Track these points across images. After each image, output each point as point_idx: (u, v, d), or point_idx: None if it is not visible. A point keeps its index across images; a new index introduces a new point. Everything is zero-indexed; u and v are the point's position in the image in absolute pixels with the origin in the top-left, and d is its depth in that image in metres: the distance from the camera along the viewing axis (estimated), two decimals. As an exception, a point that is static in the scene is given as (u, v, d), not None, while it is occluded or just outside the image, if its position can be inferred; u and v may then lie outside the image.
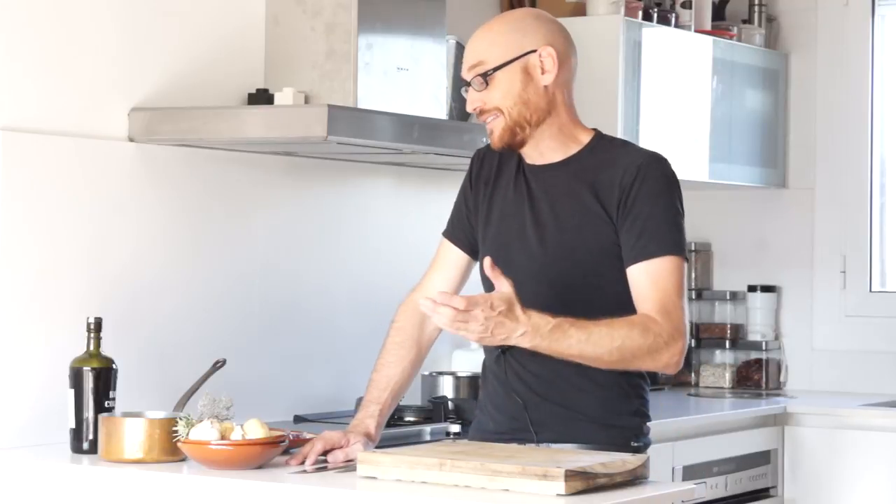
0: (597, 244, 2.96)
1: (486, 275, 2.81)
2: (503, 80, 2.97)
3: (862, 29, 5.31)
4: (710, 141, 5.03)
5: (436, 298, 2.72)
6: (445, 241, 3.21)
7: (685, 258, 2.95)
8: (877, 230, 5.33)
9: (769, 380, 5.30)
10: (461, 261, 3.18)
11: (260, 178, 3.94)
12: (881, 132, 5.34)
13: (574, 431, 3.00)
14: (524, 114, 2.98)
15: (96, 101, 3.55)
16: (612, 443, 2.97)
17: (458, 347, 4.50)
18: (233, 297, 3.85)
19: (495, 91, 2.98)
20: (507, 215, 3.07)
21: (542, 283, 2.99)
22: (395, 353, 3.15)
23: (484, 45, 3.00)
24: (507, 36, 2.99)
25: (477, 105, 3.00)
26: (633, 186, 2.94)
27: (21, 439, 3.34)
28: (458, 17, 4.36)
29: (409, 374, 3.16)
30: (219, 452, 2.94)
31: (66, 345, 3.33)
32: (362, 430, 3.06)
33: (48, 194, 3.42)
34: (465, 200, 3.17)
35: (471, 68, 3.00)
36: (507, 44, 2.98)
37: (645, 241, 2.91)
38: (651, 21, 4.81)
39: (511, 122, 2.98)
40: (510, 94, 2.97)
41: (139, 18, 3.63)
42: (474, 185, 3.15)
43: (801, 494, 4.79)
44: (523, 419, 3.02)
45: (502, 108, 2.98)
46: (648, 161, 2.99)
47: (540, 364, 2.98)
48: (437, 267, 3.21)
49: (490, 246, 3.09)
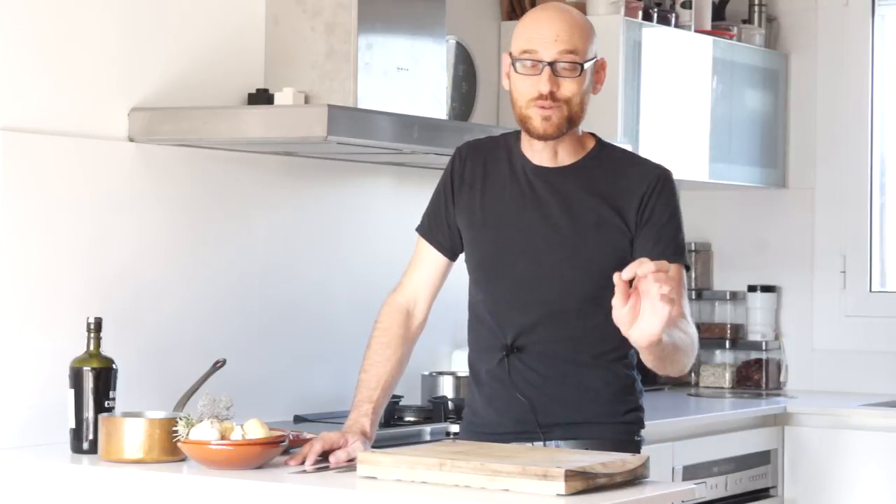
0: (614, 254, 3.00)
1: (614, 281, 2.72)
2: (586, 77, 3.00)
3: (862, 29, 5.31)
4: (710, 141, 5.03)
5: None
6: (422, 241, 3.21)
7: (687, 266, 3.07)
8: (877, 230, 5.33)
9: (769, 380, 5.30)
10: (440, 262, 3.19)
11: (260, 178, 3.94)
12: (881, 132, 5.34)
13: (582, 430, 3.03)
14: (579, 114, 3.02)
15: (96, 101, 3.55)
16: (618, 438, 3.02)
17: (458, 347, 4.50)
18: (233, 297, 3.85)
19: (575, 84, 2.98)
20: (507, 217, 3.07)
21: (552, 284, 3.02)
22: (381, 352, 3.16)
23: (578, 36, 2.99)
24: (590, 35, 3.02)
25: (552, 89, 2.97)
26: (651, 197, 3.02)
27: (21, 439, 3.34)
28: (458, 17, 4.36)
29: (398, 372, 3.17)
30: (219, 452, 2.94)
31: (66, 345, 3.32)
32: (358, 429, 3.06)
33: (48, 194, 3.42)
34: (445, 202, 3.17)
35: (565, 52, 2.97)
36: (591, 42, 3.01)
37: (661, 248, 2.99)
38: (651, 21, 4.81)
39: (570, 116, 3.00)
40: (581, 92, 2.99)
41: (139, 18, 3.63)
42: (457, 186, 3.15)
43: (801, 494, 4.79)
44: (530, 421, 3.03)
45: (571, 102, 2.99)
46: (663, 173, 3.08)
47: (548, 365, 3.02)
48: (416, 267, 3.22)
49: (487, 249, 3.09)
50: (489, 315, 3.10)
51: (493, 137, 3.18)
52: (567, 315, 3.02)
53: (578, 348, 3.04)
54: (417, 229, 3.22)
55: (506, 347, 3.05)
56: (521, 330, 3.04)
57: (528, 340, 3.04)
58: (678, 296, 2.94)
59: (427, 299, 3.20)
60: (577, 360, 3.03)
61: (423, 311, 3.21)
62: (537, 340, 3.04)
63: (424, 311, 3.21)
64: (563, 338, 3.03)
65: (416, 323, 3.19)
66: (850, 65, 5.32)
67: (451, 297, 3.33)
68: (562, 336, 3.03)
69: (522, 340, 3.04)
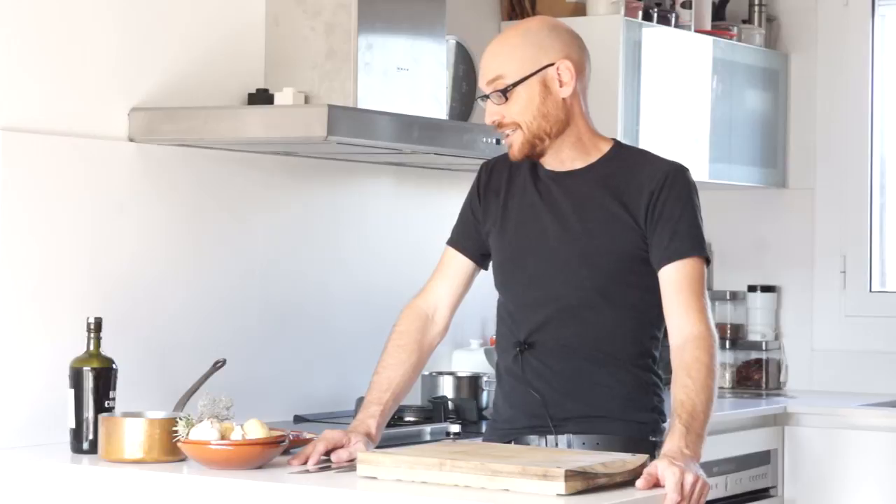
0: (623, 249, 3.02)
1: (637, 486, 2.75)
2: (522, 95, 3.00)
3: (862, 29, 5.31)
4: (710, 141, 5.03)
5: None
6: (450, 248, 3.23)
7: (707, 259, 3.05)
8: (877, 230, 5.33)
9: (769, 380, 5.29)
10: (467, 268, 3.20)
11: (260, 178, 3.94)
12: (881, 132, 5.34)
13: (594, 424, 3.04)
14: (543, 126, 3.01)
15: (96, 101, 3.55)
16: (630, 436, 3.03)
17: (458, 347, 4.51)
18: (233, 297, 3.85)
19: (514, 105, 3.00)
20: (524, 221, 3.10)
21: (562, 280, 3.04)
22: (396, 356, 3.16)
23: (502, 60, 3.02)
24: (525, 50, 3.01)
25: (496, 118, 3.03)
26: (661, 192, 3.01)
27: (21, 439, 3.34)
28: (458, 17, 4.36)
29: (411, 377, 3.17)
30: (219, 452, 2.94)
31: (66, 345, 3.32)
32: (363, 429, 3.06)
33: (48, 194, 3.42)
34: (472, 211, 3.20)
35: (489, 83, 3.02)
36: (525, 58, 3.00)
37: (677, 243, 2.98)
38: (651, 21, 4.81)
39: (530, 136, 3.02)
40: (529, 109, 3.00)
41: (139, 18, 3.63)
42: (483, 195, 3.17)
43: (801, 494, 4.79)
44: (542, 415, 3.04)
45: (521, 123, 3.01)
46: (674, 168, 3.07)
47: (563, 361, 3.04)
48: (441, 274, 3.23)
49: (506, 252, 3.12)
50: (508, 315, 3.13)
51: None
52: (577, 310, 3.03)
53: (590, 344, 3.04)
54: (447, 242, 3.23)
55: (519, 344, 3.07)
56: (534, 327, 3.06)
57: (541, 337, 3.06)
58: (701, 287, 2.98)
59: (449, 306, 3.21)
60: (590, 356, 3.04)
61: (445, 318, 3.21)
62: (549, 336, 3.05)
63: (446, 318, 3.21)
64: (575, 333, 3.04)
65: (437, 330, 3.20)
66: (850, 65, 5.32)
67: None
68: (573, 331, 3.04)
69: (535, 337, 3.06)
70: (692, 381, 2.87)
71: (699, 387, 2.87)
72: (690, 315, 2.94)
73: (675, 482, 2.67)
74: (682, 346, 2.92)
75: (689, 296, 2.96)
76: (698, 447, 2.81)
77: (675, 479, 2.67)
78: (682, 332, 2.94)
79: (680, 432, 2.79)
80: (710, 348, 2.92)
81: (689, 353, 2.90)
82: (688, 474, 2.69)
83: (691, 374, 2.88)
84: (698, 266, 2.99)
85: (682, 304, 2.96)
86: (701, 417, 2.84)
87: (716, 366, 2.92)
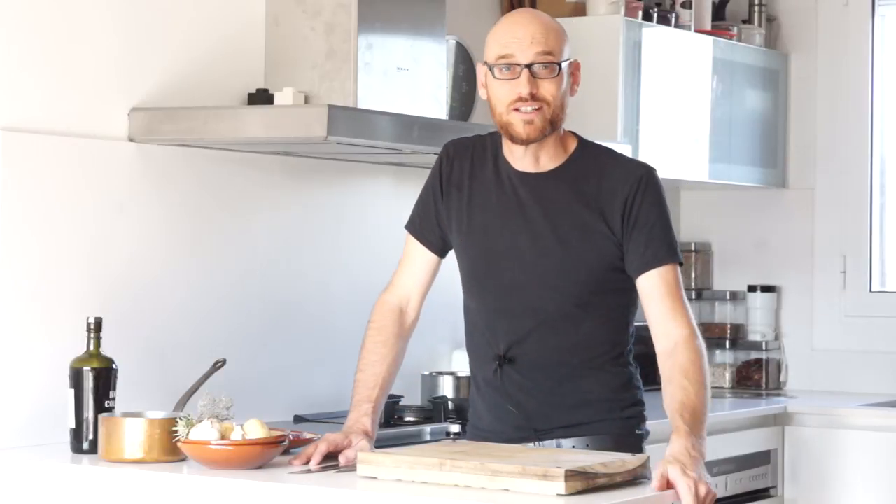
0: (600, 260, 3.01)
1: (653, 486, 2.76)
2: (562, 77, 3.00)
3: (862, 29, 5.31)
4: (710, 141, 5.03)
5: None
6: (412, 239, 3.21)
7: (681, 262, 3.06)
8: (877, 230, 5.33)
9: (769, 380, 5.30)
10: (432, 260, 3.20)
11: (260, 178, 3.94)
12: (881, 132, 5.34)
13: (581, 429, 3.05)
14: (560, 115, 3.01)
15: (96, 101, 3.55)
16: (618, 433, 3.04)
17: (458, 347, 4.50)
18: (233, 297, 3.85)
19: (554, 84, 2.98)
20: (492, 225, 3.07)
21: (540, 293, 3.03)
22: (378, 351, 3.16)
23: (553, 38, 3.00)
24: (563, 37, 3.02)
25: (533, 91, 2.97)
26: (636, 197, 3.00)
27: (21, 439, 3.34)
28: (458, 17, 4.36)
29: (394, 370, 3.18)
30: (219, 452, 2.94)
31: (66, 345, 3.32)
32: (360, 428, 3.06)
33: (48, 194, 3.42)
34: (434, 202, 3.17)
35: (542, 53, 2.97)
36: (565, 44, 3.02)
37: (654, 250, 2.99)
38: (651, 21, 4.81)
39: (551, 118, 3.00)
40: (560, 93, 2.99)
41: (139, 18, 3.64)
42: (445, 187, 3.15)
43: (801, 494, 4.79)
44: (527, 428, 3.06)
45: (551, 103, 2.99)
46: (646, 171, 3.05)
47: (542, 374, 3.05)
48: (408, 268, 3.23)
49: (475, 258, 3.10)
50: (482, 322, 3.12)
51: (481, 137, 3.17)
52: (557, 323, 3.03)
53: (571, 354, 3.04)
54: (407, 226, 3.23)
55: (499, 358, 3.07)
56: (512, 340, 3.05)
57: (521, 351, 3.05)
58: (680, 291, 3.00)
59: (419, 297, 3.21)
60: (571, 366, 3.04)
61: (416, 308, 3.22)
62: (529, 350, 3.05)
63: (417, 309, 3.22)
64: (556, 346, 3.04)
65: (410, 320, 3.21)
66: (850, 65, 5.32)
67: (451, 298, 3.33)
68: (554, 344, 3.04)
69: (515, 351, 3.05)
70: (690, 383, 2.88)
71: (697, 388, 2.88)
72: (677, 319, 2.96)
73: (692, 494, 2.69)
74: (672, 350, 2.93)
75: (673, 301, 2.98)
76: (703, 447, 2.82)
77: (691, 491, 2.69)
78: (671, 336, 2.95)
79: (685, 433, 2.80)
80: (700, 349, 2.95)
81: (681, 356, 2.92)
82: (701, 486, 2.71)
83: (688, 375, 2.89)
84: (675, 270, 3.01)
85: (667, 310, 2.97)
86: (702, 418, 2.85)
87: (707, 365, 2.94)
